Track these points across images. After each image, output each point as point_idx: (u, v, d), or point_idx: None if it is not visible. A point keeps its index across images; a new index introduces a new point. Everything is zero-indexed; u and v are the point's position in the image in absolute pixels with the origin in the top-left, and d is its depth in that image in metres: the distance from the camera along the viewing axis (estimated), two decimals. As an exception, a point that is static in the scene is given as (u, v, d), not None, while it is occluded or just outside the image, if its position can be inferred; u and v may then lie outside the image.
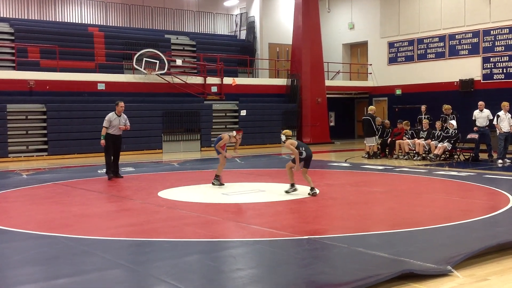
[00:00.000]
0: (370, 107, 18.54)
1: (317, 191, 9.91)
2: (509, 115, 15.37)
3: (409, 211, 8.52)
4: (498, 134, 15.49)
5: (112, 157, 12.69)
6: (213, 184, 11.04)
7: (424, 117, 17.77)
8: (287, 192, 9.98)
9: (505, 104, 15.53)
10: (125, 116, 12.90)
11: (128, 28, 27.15)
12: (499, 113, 15.45)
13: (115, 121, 12.63)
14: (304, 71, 25.20)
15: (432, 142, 16.36)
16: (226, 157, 11.12)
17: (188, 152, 21.08)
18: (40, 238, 6.81)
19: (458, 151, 16.52)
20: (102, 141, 12.60)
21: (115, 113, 12.72)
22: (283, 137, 9.92)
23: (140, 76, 21.72)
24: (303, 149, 9.80)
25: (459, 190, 10.71)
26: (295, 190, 10.00)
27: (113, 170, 12.75)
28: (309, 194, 9.68)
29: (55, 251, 6.16)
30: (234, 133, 11.08)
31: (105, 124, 12.58)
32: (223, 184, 11.04)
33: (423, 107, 18.33)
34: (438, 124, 16.76)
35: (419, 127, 17.75)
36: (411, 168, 14.37)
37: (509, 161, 15.30)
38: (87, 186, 11.59)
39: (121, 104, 12.78)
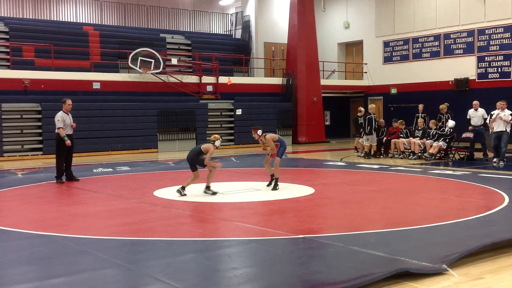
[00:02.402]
0: (370, 105, 18.56)
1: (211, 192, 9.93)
2: (509, 112, 14.96)
3: (404, 210, 8.53)
4: (490, 133, 15.37)
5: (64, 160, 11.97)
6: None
7: (421, 116, 17.76)
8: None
9: (501, 103, 15.22)
10: (70, 115, 12.15)
11: (123, 27, 27.08)
12: (492, 112, 15.24)
13: (67, 119, 11.89)
14: (299, 70, 25.21)
15: (427, 141, 16.39)
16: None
17: (183, 151, 20.97)
18: (35, 238, 6.79)
19: (453, 150, 16.56)
20: (68, 142, 11.75)
21: (63, 111, 11.91)
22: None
23: (135, 75, 21.68)
24: None
25: (454, 189, 10.73)
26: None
27: (67, 174, 12.04)
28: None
29: (50, 251, 6.14)
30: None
31: (60, 124, 11.72)
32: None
33: (421, 106, 18.33)
34: (432, 123, 16.79)
35: (417, 127, 17.73)
36: (407, 167, 14.39)
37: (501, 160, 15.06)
38: (81, 185, 11.56)
39: (69, 102, 12.00)
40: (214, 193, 9.88)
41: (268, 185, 10.72)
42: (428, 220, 7.46)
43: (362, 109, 18.04)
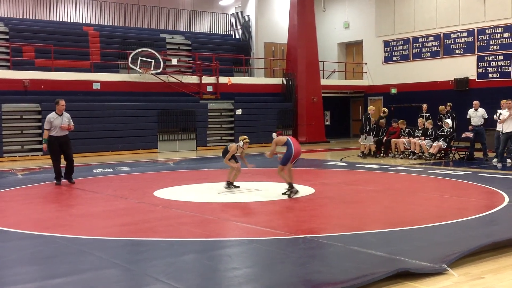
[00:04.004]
0: (370, 107, 18.82)
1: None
2: None
3: (405, 209, 8.54)
4: (500, 133, 14.70)
5: (60, 161, 11.64)
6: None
7: (426, 116, 17.74)
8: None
9: (508, 101, 14.63)
10: (68, 115, 11.73)
11: (123, 27, 27.08)
12: (501, 111, 14.71)
13: (56, 121, 11.45)
14: (299, 70, 25.22)
15: (423, 142, 16.36)
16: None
17: (183, 152, 21.06)
18: (36, 238, 6.80)
19: (453, 150, 16.57)
20: (44, 145, 11.70)
21: (56, 112, 11.57)
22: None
23: (135, 75, 21.68)
24: None
25: (454, 188, 10.73)
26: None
27: (65, 174, 11.74)
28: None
29: (51, 251, 6.14)
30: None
31: (46, 126, 11.47)
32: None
33: (424, 106, 18.30)
34: (428, 123, 16.82)
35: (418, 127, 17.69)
36: (407, 167, 14.40)
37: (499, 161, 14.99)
38: (82, 185, 11.56)
39: (62, 102, 11.60)
40: (236, 187, 10.47)
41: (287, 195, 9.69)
42: (428, 220, 7.47)
43: (385, 109, 18.55)
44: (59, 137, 11.50)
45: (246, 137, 10.49)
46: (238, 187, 10.51)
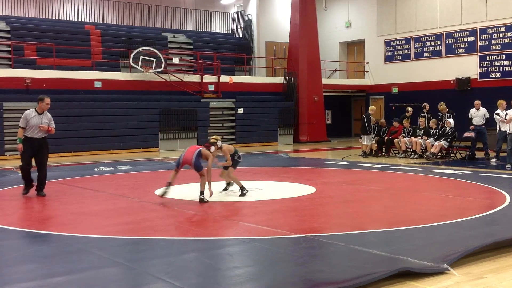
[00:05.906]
0: (370, 106, 18.86)
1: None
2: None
3: (406, 209, 8.52)
4: (508, 133, 14.20)
5: (30, 166, 9.92)
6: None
7: (427, 115, 17.71)
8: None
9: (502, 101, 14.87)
10: (49, 115, 10.00)
11: (125, 26, 27.09)
12: (507, 111, 14.34)
13: (34, 120, 9.70)
14: (301, 69, 25.20)
15: (428, 140, 16.36)
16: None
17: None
18: (37, 236, 6.80)
19: (454, 150, 16.55)
20: (19, 145, 9.74)
21: (36, 110, 9.87)
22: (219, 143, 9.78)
23: (137, 74, 21.68)
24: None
25: (455, 188, 10.72)
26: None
27: (36, 185, 10.02)
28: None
29: (52, 249, 6.14)
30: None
31: (21, 123, 9.72)
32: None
33: (426, 106, 18.27)
34: (432, 122, 16.80)
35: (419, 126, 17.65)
36: (408, 166, 14.38)
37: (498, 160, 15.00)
38: (83, 184, 11.57)
39: (47, 100, 9.92)
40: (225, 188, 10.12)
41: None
42: (429, 219, 7.46)
43: (409, 108, 18.36)
44: (34, 139, 9.77)
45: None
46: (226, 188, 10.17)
